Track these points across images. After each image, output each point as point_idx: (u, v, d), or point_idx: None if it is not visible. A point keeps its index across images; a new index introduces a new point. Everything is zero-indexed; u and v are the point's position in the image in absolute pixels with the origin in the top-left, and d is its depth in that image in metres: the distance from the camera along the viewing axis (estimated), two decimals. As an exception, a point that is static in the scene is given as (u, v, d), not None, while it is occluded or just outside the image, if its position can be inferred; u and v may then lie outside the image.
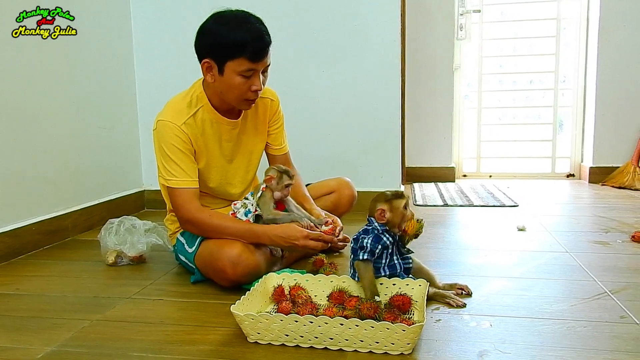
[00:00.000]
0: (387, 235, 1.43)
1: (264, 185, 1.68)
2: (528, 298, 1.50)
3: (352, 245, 1.46)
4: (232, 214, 1.70)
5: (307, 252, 1.71)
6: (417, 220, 1.46)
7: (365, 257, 1.39)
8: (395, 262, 1.45)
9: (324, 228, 1.68)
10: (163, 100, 1.71)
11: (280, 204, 1.71)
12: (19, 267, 1.96)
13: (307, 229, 1.62)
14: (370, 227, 1.44)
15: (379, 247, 1.40)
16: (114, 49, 2.73)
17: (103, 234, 1.93)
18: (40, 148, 2.20)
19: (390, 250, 1.44)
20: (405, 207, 1.43)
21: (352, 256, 1.47)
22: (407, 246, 1.50)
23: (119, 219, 1.98)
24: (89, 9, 2.46)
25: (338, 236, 1.71)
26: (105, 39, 2.64)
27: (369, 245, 1.39)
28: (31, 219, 2.14)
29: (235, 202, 1.73)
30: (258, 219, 1.69)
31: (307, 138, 2.75)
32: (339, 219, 1.80)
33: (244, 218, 1.67)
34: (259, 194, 1.69)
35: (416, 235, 1.47)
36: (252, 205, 1.68)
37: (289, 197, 1.73)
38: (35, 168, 2.17)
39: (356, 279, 1.45)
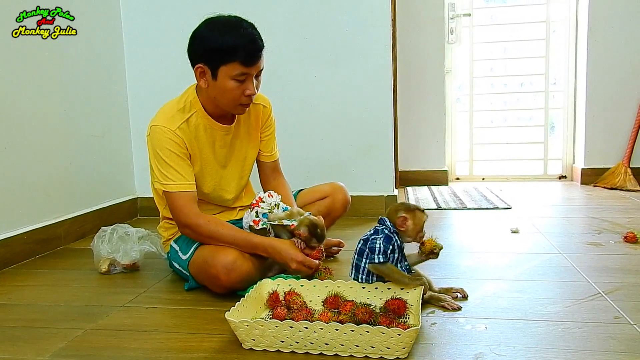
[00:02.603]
0: (397, 237, 1.45)
1: (294, 223, 1.62)
2: (522, 300, 1.50)
3: (359, 245, 1.47)
4: (259, 197, 1.70)
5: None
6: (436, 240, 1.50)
7: (380, 259, 1.41)
8: (400, 269, 1.46)
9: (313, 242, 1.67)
10: (155, 107, 1.71)
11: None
12: (10, 276, 1.94)
13: (300, 248, 1.60)
14: (381, 227, 1.46)
15: (390, 247, 1.42)
16: (104, 55, 2.72)
17: (96, 242, 1.92)
18: (32, 156, 2.19)
19: (397, 256, 1.45)
20: (424, 223, 1.48)
21: (356, 256, 1.47)
22: (419, 264, 1.53)
23: (112, 226, 1.97)
24: (82, 12, 2.45)
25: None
26: (95, 45, 2.63)
27: (382, 245, 1.41)
28: (23, 228, 2.12)
29: (264, 198, 1.70)
30: (262, 231, 1.67)
31: (300, 142, 2.75)
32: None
33: (255, 218, 1.66)
34: (285, 223, 1.63)
35: (431, 252, 1.49)
36: (272, 222, 1.65)
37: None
38: (26, 176, 2.16)
39: (360, 280, 1.46)
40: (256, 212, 1.68)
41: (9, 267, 2.03)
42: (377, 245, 1.41)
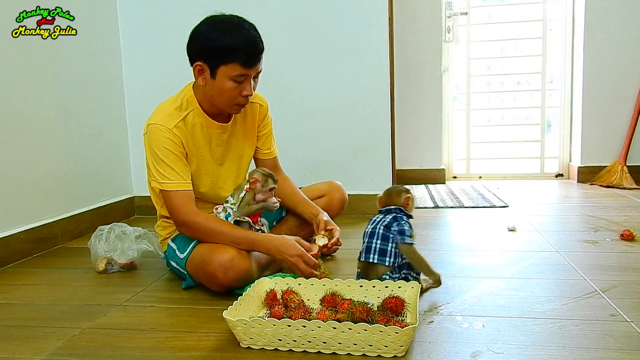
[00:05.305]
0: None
1: (247, 186, 1.67)
2: (520, 298, 1.51)
3: (380, 231, 1.47)
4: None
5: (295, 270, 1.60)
6: None
7: (411, 240, 1.46)
8: None
9: (320, 241, 1.70)
10: (152, 106, 1.71)
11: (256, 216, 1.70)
12: (7, 275, 1.93)
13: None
14: (400, 214, 1.51)
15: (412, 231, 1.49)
16: (102, 54, 2.71)
17: (93, 241, 1.91)
18: (29, 155, 2.18)
19: None
20: None
21: (379, 242, 1.46)
22: None
23: (109, 225, 1.97)
24: (80, 11, 2.44)
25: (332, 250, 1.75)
26: (92, 44, 2.62)
27: (410, 229, 1.47)
28: (20, 227, 2.12)
29: (217, 206, 1.71)
30: (238, 223, 1.66)
31: (298, 141, 2.75)
32: (337, 228, 1.80)
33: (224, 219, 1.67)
34: (241, 194, 1.67)
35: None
36: (233, 208, 1.67)
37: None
38: (23, 175, 2.15)
39: (388, 263, 1.45)
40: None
41: (6, 266, 2.03)
42: (407, 227, 1.47)
